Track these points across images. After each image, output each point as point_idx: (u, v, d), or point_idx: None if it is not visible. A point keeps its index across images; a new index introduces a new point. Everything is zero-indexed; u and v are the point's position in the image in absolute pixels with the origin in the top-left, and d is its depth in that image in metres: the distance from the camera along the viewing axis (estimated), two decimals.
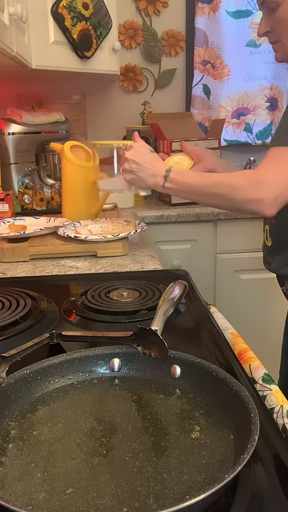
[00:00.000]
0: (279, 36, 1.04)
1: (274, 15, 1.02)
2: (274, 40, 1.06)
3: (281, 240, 1.12)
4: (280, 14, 1.01)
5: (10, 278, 1.12)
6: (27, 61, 1.56)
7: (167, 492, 0.42)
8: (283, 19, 1.01)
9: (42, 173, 2.06)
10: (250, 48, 2.25)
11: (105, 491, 0.43)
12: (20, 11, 1.29)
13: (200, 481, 0.44)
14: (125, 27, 2.24)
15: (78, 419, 0.54)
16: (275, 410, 0.58)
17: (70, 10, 1.69)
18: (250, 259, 1.94)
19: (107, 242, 1.27)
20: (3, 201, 1.57)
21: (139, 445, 0.49)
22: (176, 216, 1.90)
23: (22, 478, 0.45)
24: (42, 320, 0.82)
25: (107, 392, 0.59)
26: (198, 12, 2.21)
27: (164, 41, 2.28)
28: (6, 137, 1.87)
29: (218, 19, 2.20)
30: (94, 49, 1.83)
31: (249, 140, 2.37)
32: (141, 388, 0.60)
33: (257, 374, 0.65)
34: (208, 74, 2.30)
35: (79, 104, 2.34)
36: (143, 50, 2.29)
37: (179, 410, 0.55)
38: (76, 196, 1.49)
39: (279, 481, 0.45)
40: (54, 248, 1.27)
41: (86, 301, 0.88)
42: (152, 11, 2.24)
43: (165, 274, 1.10)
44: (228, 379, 0.54)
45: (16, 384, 0.56)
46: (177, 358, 0.61)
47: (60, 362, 0.61)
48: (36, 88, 2.27)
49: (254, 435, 0.44)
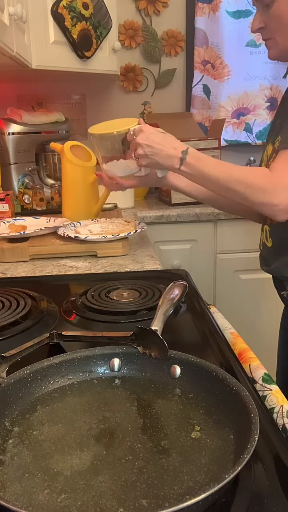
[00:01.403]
0: (272, 33, 1.02)
1: (269, 11, 0.99)
2: (267, 37, 1.04)
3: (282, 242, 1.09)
4: (275, 10, 0.98)
5: (10, 278, 1.12)
6: (27, 61, 1.56)
7: (167, 492, 0.42)
8: (278, 15, 0.99)
9: (42, 173, 2.06)
10: (250, 48, 2.25)
11: (105, 491, 0.43)
12: (20, 11, 1.29)
13: (200, 481, 0.44)
14: (125, 27, 2.24)
15: (78, 419, 0.54)
16: (275, 410, 0.58)
17: (70, 10, 1.69)
18: (250, 259, 1.93)
19: (107, 242, 1.26)
20: (3, 201, 1.57)
21: (139, 445, 0.49)
22: (176, 216, 1.90)
23: (22, 478, 0.45)
24: (42, 320, 0.82)
25: (107, 392, 0.59)
26: (198, 12, 2.21)
27: (164, 41, 2.28)
28: (6, 137, 1.87)
29: (218, 19, 2.20)
30: (94, 49, 1.83)
31: (249, 140, 2.37)
32: (141, 388, 0.60)
33: (257, 374, 0.65)
34: (208, 74, 2.30)
35: (79, 104, 2.34)
36: (143, 50, 2.29)
37: (179, 410, 0.55)
38: (76, 196, 1.49)
39: (279, 481, 0.45)
40: (54, 248, 1.27)
41: (86, 301, 0.88)
42: (152, 11, 2.24)
43: (165, 274, 1.10)
44: (228, 379, 0.54)
45: (16, 384, 0.56)
46: (177, 358, 0.61)
47: (60, 362, 0.61)
48: (36, 88, 2.27)
49: (254, 435, 0.44)
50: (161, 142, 1.01)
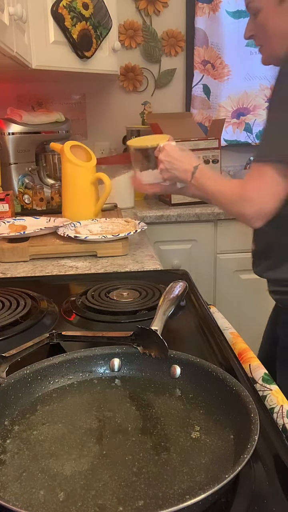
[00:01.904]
0: (261, 40, 1.07)
1: (256, 20, 1.04)
2: (258, 44, 1.10)
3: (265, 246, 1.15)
4: (260, 20, 1.03)
5: (10, 278, 1.12)
6: (27, 61, 1.56)
7: (167, 492, 0.42)
8: (263, 24, 1.03)
9: (42, 173, 2.06)
10: (250, 48, 2.24)
11: (105, 491, 0.43)
12: (20, 11, 1.29)
13: (200, 481, 0.44)
14: (125, 27, 2.24)
15: (78, 419, 0.54)
16: (275, 410, 0.58)
17: (70, 10, 1.69)
18: (250, 259, 1.92)
19: (107, 242, 1.26)
20: (3, 201, 1.57)
21: (139, 445, 0.49)
22: (176, 216, 1.90)
23: (22, 478, 0.45)
24: (42, 320, 0.82)
25: (107, 392, 0.59)
26: (198, 12, 2.21)
27: (164, 41, 2.28)
28: (6, 137, 1.87)
29: (218, 19, 2.20)
30: (94, 49, 1.83)
31: (249, 140, 2.37)
32: (141, 388, 0.60)
33: (257, 374, 0.65)
34: (208, 74, 2.30)
35: (79, 104, 2.34)
36: (143, 50, 2.29)
37: (179, 410, 0.55)
38: (76, 196, 1.49)
39: (279, 481, 0.45)
40: (54, 248, 1.27)
41: (86, 301, 0.88)
42: (152, 11, 2.24)
43: (165, 274, 1.10)
44: (228, 379, 0.54)
45: (16, 384, 0.56)
46: (177, 358, 0.61)
47: (60, 362, 0.61)
48: (36, 88, 2.27)
49: (254, 435, 0.44)
50: (180, 159, 1.10)
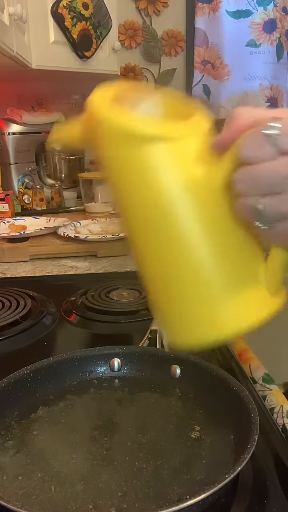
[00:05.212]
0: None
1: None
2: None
3: None
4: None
5: (10, 278, 1.12)
6: (27, 61, 1.56)
7: (167, 492, 0.42)
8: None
9: (42, 173, 2.06)
10: (250, 48, 2.24)
11: (105, 491, 0.43)
12: (20, 11, 1.29)
13: (200, 481, 0.44)
14: (125, 27, 2.24)
15: (77, 419, 0.54)
16: (275, 410, 0.58)
17: (70, 10, 1.69)
18: None
19: (107, 242, 1.26)
20: (3, 201, 1.57)
21: (139, 445, 0.49)
22: None
23: (22, 478, 0.45)
24: (42, 320, 0.82)
25: (107, 392, 0.59)
26: (198, 12, 2.21)
27: (164, 41, 2.28)
28: (6, 137, 1.87)
29: (218, 19, 2.20)
30: (94, 49, 1.83)
31: None
32: (141, 388, 0.60)
33: (257, 374, 0.65)
34: (208, 74, 2.30)
35: (79, 104, 2.34)
36: (143, 50, 2.29)
37: (179, 410, 0.55)
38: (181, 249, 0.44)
39: (279, 481, 0.45)
40: (54, 248, 1.27)
41: (86, 301, 0.88)
42: (152, 11, 2.24)
43: None
44: (228, 379, 0.54)
45: (16, 384, 0.56)
46: (177, 358, 0.60)
47: (60, 362, 0.61)
48: (36, 88, 2.26)
49: (254, 435, 0.44)
50: None
